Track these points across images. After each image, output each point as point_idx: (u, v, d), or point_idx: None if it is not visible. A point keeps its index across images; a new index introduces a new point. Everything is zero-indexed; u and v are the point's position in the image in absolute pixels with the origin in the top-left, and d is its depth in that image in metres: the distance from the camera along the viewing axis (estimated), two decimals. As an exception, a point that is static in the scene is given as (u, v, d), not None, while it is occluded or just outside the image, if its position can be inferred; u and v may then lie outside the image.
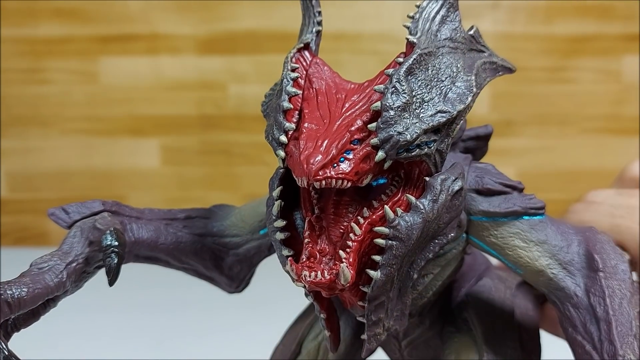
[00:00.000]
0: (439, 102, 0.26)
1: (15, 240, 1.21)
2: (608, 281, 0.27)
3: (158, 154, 1.18)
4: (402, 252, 0.25)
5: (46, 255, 0.28)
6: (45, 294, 0.28)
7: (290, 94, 0.28)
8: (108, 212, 0.31)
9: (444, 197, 0.26)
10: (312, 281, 0.25)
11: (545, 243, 0.29)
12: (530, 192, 0.30)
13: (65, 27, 1.15)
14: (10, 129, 1.19)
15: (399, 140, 0.25)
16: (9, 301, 0.26)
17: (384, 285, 0.26)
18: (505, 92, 1.14)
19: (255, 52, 1.14)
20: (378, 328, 0.28)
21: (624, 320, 0.27)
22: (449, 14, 0.29)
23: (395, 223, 0.25)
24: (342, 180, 0.25)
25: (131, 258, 0.33)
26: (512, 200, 0.29)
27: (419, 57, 0.26)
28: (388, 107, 0.25)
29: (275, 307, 0.83)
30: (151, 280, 0.97)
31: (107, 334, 0.76)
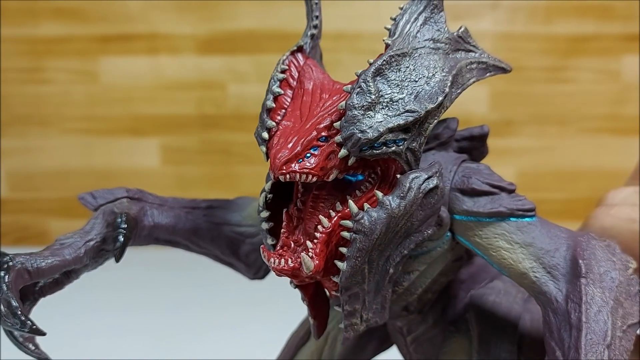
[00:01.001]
0: (409, 102, 0.27)
1: (15, 240, 1.21)
2: (589, 288, 0.27)
3: (158, 154, 1.18)
4: (365, 245, 0.26)
5: (70, 233, 0.32)
6: (63, 266, 0.31)
7: (275, 94, 0.29)
8: (130, 198, 0.35)
9: (413, 194, 0.27)
10: (275, 267, 0.27)
11: (531, 246, 0.29)
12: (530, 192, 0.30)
13: (65, 27, 1.15)
14: (10, 129, 1.19)
15: (360, 138, 0.26)
16: (29, 269, 0.30)
17: (352, 276, 0.27)
18: (505, 92, 1.14)
19: (255, 52, 1.14)
20: (354, 318, 0.29)
21: (598, 329, 0.26)
22: (433, 15, 0.29)
23: (359, 217, 0.26)
24: (306, 175, 0.26)
25: (152, 240, 0.36)
26: (498, 201, 0.29)
27: (389, 58, 0.27)
28: (351, 107, 0.26)
29: (276, 307, 0.83)
30: (151, 280, 0.97)
31: (107, 333, 0.76)
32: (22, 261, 0.30)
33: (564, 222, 0.74)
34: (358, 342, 0.39)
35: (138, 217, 0.34)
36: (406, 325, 0.36)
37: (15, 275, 0.29)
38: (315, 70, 0.30)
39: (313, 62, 0.31)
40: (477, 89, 1.17)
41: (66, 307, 0.84)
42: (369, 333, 0.39)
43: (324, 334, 0.36)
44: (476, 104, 1.14)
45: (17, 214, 1.21)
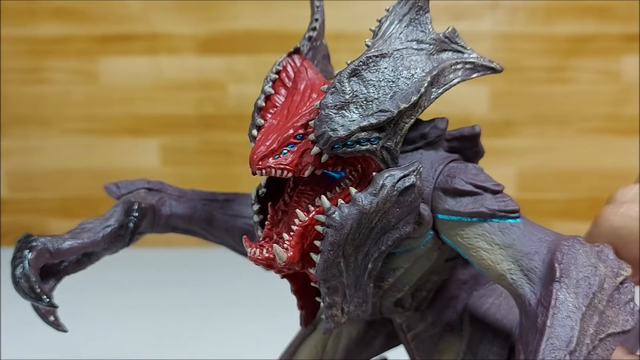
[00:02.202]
0: (384, 102, 0.28)
1: (15, 240, 1.21)
2: (561, 292, 0.26)
3: (158, 154, 1.18)
4: (336, 239, 0.27)
5: (92, 219, 0.36)
6: (81, 248, 0.34)
7: (266, 93, 0.31)
8: (149, 189, 0.38)
9: (386, 192, 0.27)
10: (251, 256, 0.29)
11: (511, 247, 0.28)
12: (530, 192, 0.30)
13: (65, 27, 1.15)
14: (10, 129, 1.19)
15: (332, 136, 0.27)
16: (50, 249, 0.33)
17: (327, 269, 0.28)
18: (505, 92, 1.14)
19: (254, 51, 1.14)
20: (335, 310, 0.31)
21: (563, 335, 0.25)
22: (418, 17, 0.30)
23: (330, 212, 0.27)
24: (281, 170, 0.28)
25: (170, 229, 0.38)
26: (480, 202, 0.29)
27: (366, 59, 0.28)
28: (325, 106, 0.27)
29: (276, 307, 0.83)
30: (151, 280, 0.97)
31: (107, 333, 0.76)
32: (44, 242, 0.33)
33: (564, 222, 0.75)
34: (364, 337, 0.39)
35: (156, 206, 0.37)
36: (405, 322, 0.36)
37: (37, 254, 0.32)
38: (310, 71, 0.31)
39: (309, 63, 0.32)
40: (477, 89, 1.17)
41: (66, 307, 0.84)
42: (375, 329, 0.40)
43: None
44: (476, 104, 1.14)
45: (17, 214, 1.21)
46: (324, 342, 0.40)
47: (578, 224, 1.15)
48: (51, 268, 0.35)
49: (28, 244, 0.33)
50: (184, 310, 0.83)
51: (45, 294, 0.32)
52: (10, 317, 0.80)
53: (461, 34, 0.32)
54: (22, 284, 0.32)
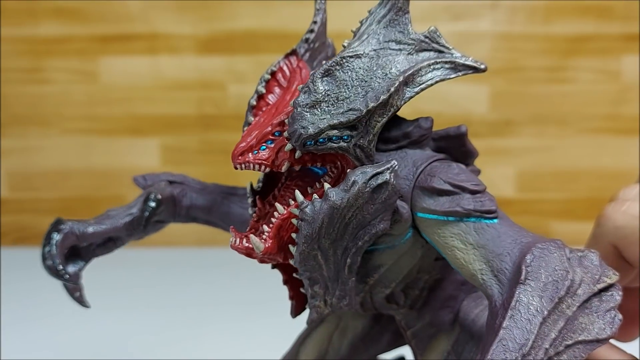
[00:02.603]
0: (355, 101, 0.29)
1: (15, 240, 1.21)
2: (524, 294, 0.26)
3: (158, 154, 1.19)
4: (309, 232, 0.28)
5: (117, 207, 0.39)
6: (103, 233, 0.38)
7: (258, 93, 0.33)
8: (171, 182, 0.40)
9: (357, 188, 0.28)
10: (232, 245, 0.30)
11: (484, 248, 0.28)
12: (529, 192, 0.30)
13: (65, 27, 1.15)
14: (10, 129, 1.19)
15: (302, 134, 0.28)
16: (76, 233, 0.37)
17: (303, 261, 0.30)
18: (504, 92, 1.14)
19: (254, 52, 1.14)
20: (317, 301, 0.32)
21: (518, 337, 0.25)
22: (398, 17, 0.30)
23: (303, 206, 0.28)
24: (259, 165, 0.30)
25: (190, 219, 0.41)
26: (457, 201, 0.29)
27: (340, 59, 0.29)
28: (296, 105, 0.29)
29: (276, 307, 0.83)
30: (151, 280, 0.97)
31: (107, 333, 0.76)
32: (71, 226, 0.37)
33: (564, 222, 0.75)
34: (369, 333, 0.40)
35: (177, 198, 0.39)
36: (404, 320, 0.37)
37: (64, 237, 0.36)
38: (305, 72, 0.33)
39: (304, 64, 0.33)
40: (477, 89, 1.17)
41: (66, 307, 0.84)
42: (382, 325, 0.40)
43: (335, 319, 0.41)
44: (476, 104, 1.14)
45: (17, 214, 1.21)
46: (330, 335, 0.41)
47: (577, 224, 1.15)
48: (81, 251, 0.38)
49: (57, 227, 0.37)
50: (184, 310, 0.83)
51: (67, 273, 0.36)
52: (10, 317, 0.80)
53: (461, 34, 0.32)
54: (48, 263, 0.36)
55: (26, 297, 0.88)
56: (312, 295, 0.32)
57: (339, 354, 0.41)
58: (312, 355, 0.41)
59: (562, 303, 0.26)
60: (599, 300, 0.26)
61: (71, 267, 0.38)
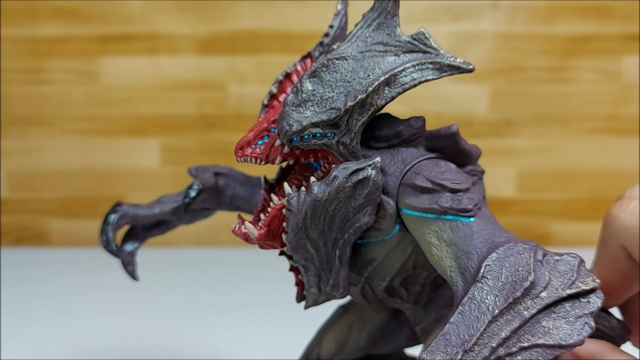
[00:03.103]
0: (337, 100, 0.30)
1: (15, 240, 1.21)
2: (477, 291, 0.26)
3: (158, 154, 1.18)
4: (294, 222, 0.31)
5: (170, 193, 0.44)
6: (153, 216, 0.42)
7: (270, 93, 0.35)
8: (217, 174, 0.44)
9: (337, 183, 0.30)
10: (232, 230, 0.33)
11: (455, 245, 0.29)
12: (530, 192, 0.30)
13: (65, 27, 1.15)
14: (10, 129, 1.19)
15: (287, 130, 0.31)
16: (130, 215, 0.42)
17: (295, 249, 0.32)
18: (505, 92, 1.14)
19: (255, 52, 1.14)
20: (312, 289, 0.34)
21: (462, 333, 0.25)
22: (386, 20, 0.32)
23: (289, 198, 0.31)
24: (254, 159, 0.32)
25: (234, 208, 0.44)
26: (436, 198, 0.30)
27: (327, 61, 0.31)
28: (285, 103, 0.31)
29: (277, 307, 0.83)
30: (151, 280, 0.97)
31: (107, 333, 0.76)
32: (127, 209, 0.42)
33: (565, 222, 0.75)
34: (387, 326, 0.42)
35: (221, 188, 0.43)
36: (412, 316, 0.38)
37: (119, 217, 0.41)
38: None
39: None
40: (477, 89, 1.17)
41: (66, 307, 0.84)
42: (401, 320, 0.42)
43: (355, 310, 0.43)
44: (476, 104, 1.14)
45: (17, 214, 1.21)
46: (351, 326, 0.43)
47: (578, 224, 1.15)
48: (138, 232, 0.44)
49: (114, 209, 0.41)
50: (184, 310, 0.83)
51: (118, 249, 0.42)
52: (10, 317, 0.80)
53: (461, 34, 0.33)
54: (102, 239, 0.41)
55: (26, 297, 0.88)
56: (307, 282, 0.34)
57: (358, 344, 0.42)
58: (332, 344, 0.43)
59: (519, 304, 0.25)
60: (571, 305, 0.26)
61: (129, 246, 0.43)
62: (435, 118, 1.04)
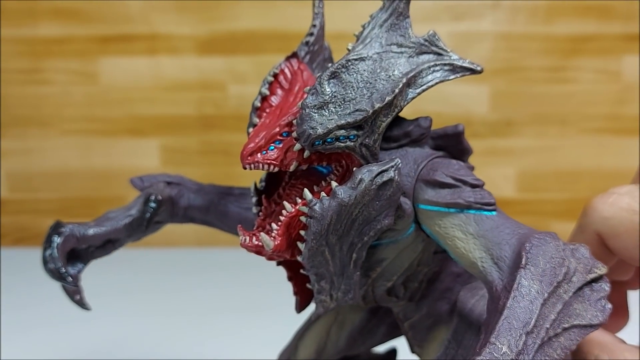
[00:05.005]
0: (361, 102, 0.30)
1: (15, 240, 1.21)
2: (525, 279, 0.27)
3: (158, 154, 1.18)
4: (318, 229, 0.30)
5: (116, 208, 0.39)
6: (104, 235, 0.38)
7: (262, 94, 0.33)
8: (169, 183, 0.41)
9: (364, 186, 0.29)
10: (242, 244, 0.31)
11: (483, 237, 0.30)
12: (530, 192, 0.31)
13: (65, 27, 1.15)
14: (10, 129, 1.19)
15: (311, 134, 0.29)
16: (76, 235, 0.37)
17: (312, 257, 0.31)
18: (505, 92, 1.14)
19: (255, 52, 1.14)
20: (323, 296, 0.33)
21: (521, 316, 0.26)
22: (398, 22, 0.32)
23: (312, 204, 0.29)
24: (268, 164, 0.30)
25: (188, 220, 0.41)
26: (458, 193, 0.31)
27: (345, 62, 0.30)
28: (305, 106, 0.30)
29: (277, 307, 0.83)
30: (151, 280, 0.97)
31: (107, 333, 0.76)
32: (71, 228, 0.37)
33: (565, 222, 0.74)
34: (366, 325, 0.42)
35: (174, 198, 0.40)
36: (402, 312, 0.38)
37: (65, 240, 0.36)
38: (306, 74, 0.34)
39: (305, 66, 0.34)
40: (477, 89, 1.17)
41: (66, 308, 0.84)
42: (379, 318, 0.42)
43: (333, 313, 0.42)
44: (476, 104, 1.14)
45: (17, 214, 1.21)
46: (328, 329, 0.42)
47: (578, 224, 1.15)
48: (80, 253, 0.38)
49: (57, 230, 0.37)
50: (184, 310, 0.83)
51: (69, 275, 0.36)
52: (10, 318, 0.80)
53: (462, 34, 0.33)
54: (50, 266, 0.36)
55: (26, 297, 0.88)
56: (318, 290, 0.33)
57: (337, 346, 0.42)
58: (311, 349, 0.42)
59: (560, 288, 0.27)
60: (590, 289, 0.28)
61: (70, 270, 0.37)
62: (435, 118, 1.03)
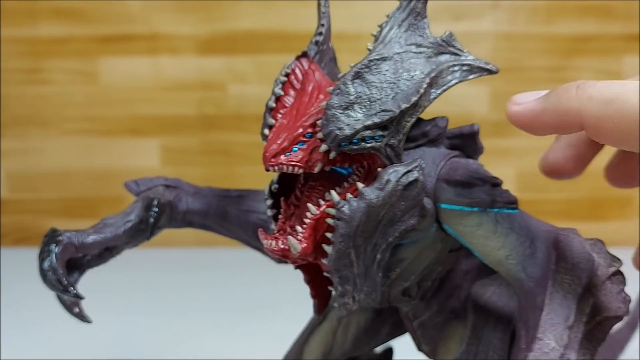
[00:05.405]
0: (386, 102, 0.30)
1: (15, 240, 1.21)
2: (558, 274, 0.28)
3: (158, 154, 1.18)
4: (346, 231, 0.29)
5: (113, 214, 0.37)
6: (104, 242, 0.36)
7: (276, 94, 0.33)
8: (167, 186, 0.39)
9: (391, 186, 0.29)
10: (268, 248, 0.31)
11: (509, 235, 0.31)
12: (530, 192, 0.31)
13: (65, 27, 1.15)
14: (10, 129, 1.19)
15: (338, 135, 0.29)
16: (75, 244, 0.35)
17: (338, 260, 0.30)
18: (505, 92, 1.13)
19: (255, 52, 1.14)
20: (346, 298, 0.33)
21: (560, 311, 0.27)
22: (416, 22, 0.32)
23: (340, 206, 0.29)
24: (292, 166, 0.30)
25: (186, 224, 0.40)
26: (480, 192, 0.31)
27: (368, 62, 0.30)
28: (331, 106, 0.29)
29: (277, 307, 0.83)
30: (150, 280, 0.97)
31: (107, 333, 0.76)
32: (69, 236, 0.35)
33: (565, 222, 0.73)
34: (371, 326, 0.42)
35: (173, 202, 0.39)
36: (412, 311, 0.38)
37: (63, 248, 0.34)
38: (318, 73, 0.34)
39: (316, 66, 0.34)
40: (477, 89, 1.17)
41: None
42: (381, 317, 0.42)
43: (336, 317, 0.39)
44: (476, 104, 1.14)
45: (17, 214, 1.21)
46: (334, 331, 0.42)
47: (578, 224, 1.14)
48: (75, 262, 0.36)
49: (54, 238, 0.34)
50: (184, 311, 0.83)
51: (71, 286, 0.34)
52: (10, 318, 0.80)
53: (462, 34, 0.33)
54: (50, 277, 0.33)
55: (26, 297, 0.88)
56: (341, 293, 0.32)
57: (343, 348, 0.42)
58: (317, 353, 0.42)
59: (590, 282, 0.28)
60: (611, 282, 0.29)
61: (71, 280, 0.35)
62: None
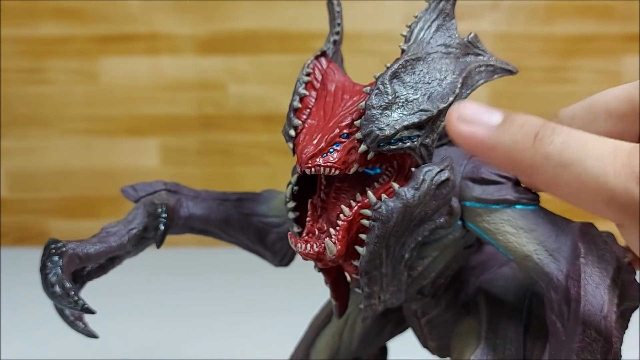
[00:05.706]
0: (423, 102, 0.30)
1: (15, 240, 1.21)
2: (587, 267, 0.29)
3: (158, 154, 1.18)
4: (382, 232, 0.29)
5: (114, 222, 0.35)
6: (109, 252, 0.34)
7: (301, 95, 0.32)
8: (167, 191, 0.38)
9: (426, 186, 0.29)
10: (302, 252, 0.30)
11: (535, 230, 0.31)
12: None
13: (65, 27, 1.15)
14: (11, 129, 1.19)
15: (378, 135, 0.29)
16: (79, 254, 0.33)
17: (371, 260, 0.30)
18: (505, 92, 1.14)
19: (255, 52, 1.14)
20: (373, 299, 0.33)
21: (595, 302, 0.28)
22: (445, 23, 0.32)
23: (377, 206, 0.29)
24: (329, 168, 0.29)
25: (187, 230, 0.39)
26: (505, 190, 0.32)
27: (405, 62, 0.30)
28: (370, 106, 0.29)
29: (277, 307, 0.83)
30: (150, 281, 0.97)
31: (107, 334, 0.76)
32: (73, 247, 0.33)
33: (565, 222, 0.72)
34: (376, 325, 0.42)
35: (175, 207, 0.37)
36: (421, 308, 0.38)
37: (68, 260, 0.32)
38: (337, 73, 0.33)
39: (335, 65, 0.34)
40: (477, 89, 1.17)
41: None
42: (386, 317, 0.42)
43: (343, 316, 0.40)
44: (476, 104, 1.14)
45: (17, 214, 1.21)
46: (340, 331, 0.42)
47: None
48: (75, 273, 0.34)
49: (57, 250, 0.32)
50: (184, 311, 0.83)
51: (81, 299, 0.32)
52: (10, 318, 0.80)
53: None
54: (58, 291, 0.31)
55: (26, 297, 0.88)
56: (368, 294, 0.32)
57: (350, 349, 0.42)
58: (324, 355, 0.42)
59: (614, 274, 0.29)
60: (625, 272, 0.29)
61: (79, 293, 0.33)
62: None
